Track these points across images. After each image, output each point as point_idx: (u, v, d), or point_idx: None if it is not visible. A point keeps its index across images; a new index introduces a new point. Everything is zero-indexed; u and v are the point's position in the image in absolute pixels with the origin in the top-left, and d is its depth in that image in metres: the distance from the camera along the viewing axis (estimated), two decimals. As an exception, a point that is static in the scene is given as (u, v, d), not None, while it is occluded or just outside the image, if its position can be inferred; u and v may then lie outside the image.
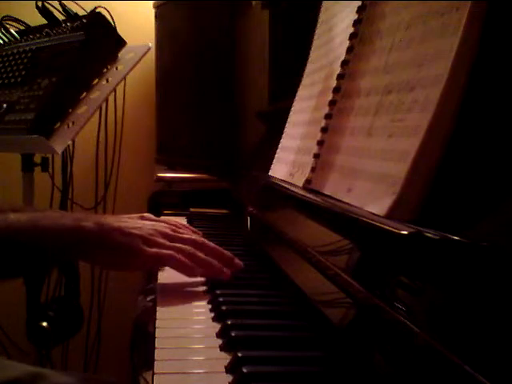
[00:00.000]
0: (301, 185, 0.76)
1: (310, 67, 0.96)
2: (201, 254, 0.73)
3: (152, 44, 1.54)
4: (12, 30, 1.57)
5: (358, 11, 0.72)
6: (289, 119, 0.99)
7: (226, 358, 0.51)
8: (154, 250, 0.71)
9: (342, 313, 0.54)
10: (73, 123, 1.24)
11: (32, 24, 1.57)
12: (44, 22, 1.50)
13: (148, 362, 0.53)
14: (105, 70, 1.33)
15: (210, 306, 0.66)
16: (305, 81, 0.96)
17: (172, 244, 0.73)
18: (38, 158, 1.51)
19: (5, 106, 1.34)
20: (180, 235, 0.76)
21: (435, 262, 0.41)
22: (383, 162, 0.54)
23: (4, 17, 1.59)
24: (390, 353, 0.42)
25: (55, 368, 1.68)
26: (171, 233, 0.76)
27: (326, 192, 0.68)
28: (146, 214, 1.02)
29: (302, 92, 0.97)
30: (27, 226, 0.70)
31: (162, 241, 0.73)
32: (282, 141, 0.99)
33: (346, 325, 0.52)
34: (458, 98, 0.47)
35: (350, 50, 0.72)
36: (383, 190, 0.52)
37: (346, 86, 0.72)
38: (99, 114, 1.80)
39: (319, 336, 0.55)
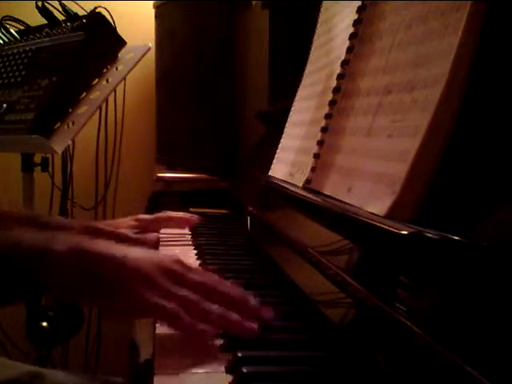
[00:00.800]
0: (301, 185, 0.76)
1: (310, 67, 0.96)
2: (214, 307, 0.54)
3: (152, 44, 1.54)
4: (12, 30, 1.57)
5: (357, 11, 0.72)
6: (289, 119, 0.99)
7: (226, 359, 0.51)
8: (157, 299, 0.53)
9: (341, 313, 0.54)
10: (73, 123, 1.24)
11: (32, 24, 1.57)
12: (44, 21, 1.51)
13: (148, 362, 0.53)
14: (105, 70, 1.33)
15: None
16: (305, 81, 0.96)
17: (178, 293, 0.54)
18: (38, 158, 1.51)
19: (5, 105, 1.34)
20: (189, 276, 0.57)
21: (435, 261, 0.41)
22: (383, 161, 0.54)
23: (4, 17, 1.59)
24: (389, 353, 0.42)
25: (55, 368, 1.68)
26: (179, 270, 0.57)
27: (326, 192, 0.68)
28: (140, 216, 0.95)
29: (302, 92, 0.97)
30: None
31: (166, 285, 0.54)
32: (282, 141, 0.99)
33: (346, 325, 0.52)
34: (458, 98, 0.47)
35: (349, 49, 0.72)
36: (383, 190, 0.52)
37: (346, 85, 0.72)
38: (99, 114, 1.80)
39: (319, 336, 0.55)
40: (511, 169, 0.41)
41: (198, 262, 0.86)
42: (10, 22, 1.59)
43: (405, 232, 0.44)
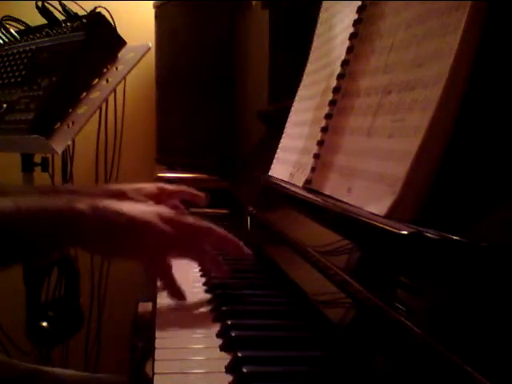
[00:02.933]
0: (301, 185, 0.76)
1: (310, 67, 0.96)
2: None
3: (152, 44, 1.54)
4: (12, 30, 1.57)
5: (357, 11, 0.72)
6: (289, 119, 0.99)
7: (226, 358, 0.51)
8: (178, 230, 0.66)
9: (341, 313, 0.54)
10: (73, 123, 1.24)
11: (32, 24, 1.57)
12: (44, 21, 1.51)
13: (148, 362, 0.53)
14: (105, 70, 1.33)
15: (210, 307, 0.66)
16: (305, 81, 0.96)
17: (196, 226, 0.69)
18: (38, 158, 1.51)
19: (5, 106, 1.34)
20: (186, 220, 0.69)
21: (435, 261, 0.41)
22: (383, 161, 0.54)
23: (4, 17, 1.59)
24: (390, 353, 0.42)
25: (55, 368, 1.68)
26: (176, 217, 0.69)
27: (326, 192, 0.68)
28: (162, 185, 0.99)
29: (302, 92, 0.97)
30: (10, 210, 0.60)
31: (186, 220, 0.68)
32: (282, 141, 0.99)
33: (346, 325, 0.52)
34: (457, 98, 0.47)
35: (350, 49, 0.72)
36: (383, 189, 0.52)
37: (346, 85, 0.72)
38: (99, 114, 1.80)
39: (319, 336, 0.55)
40: (511, 169, 0.41)
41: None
42: (10, 22, 1.59)
43: (405, 232, 0.44)
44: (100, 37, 1.32)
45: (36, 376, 0.73)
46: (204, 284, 0.75)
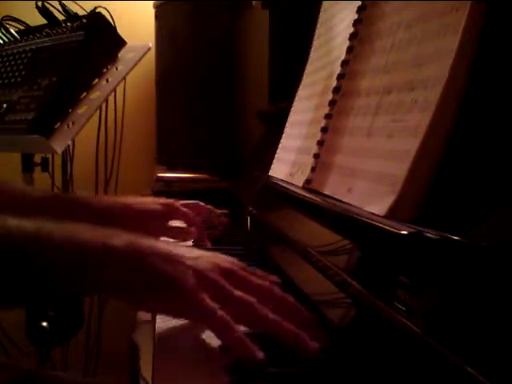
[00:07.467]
0: (301, 185, 0.76)
1: (310, 67, 0.96)
2: (271, 314, 0.52)
3: (152, 44, 1.54)
4: (12, 30, 1.57)
5: (358, 11, 0.72)
6: (289, 119, 0.99)
7: (225, 359, 0.51)
8: (209, 304, 0.50)
9: (341, 313, 0.54)
10: (73, 123, 1.24)
11: (32, 24, 1.57)
12: (44, 21, 1.51)
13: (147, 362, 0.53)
14: (105, 69, 1.33)
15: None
16: (305, 81, 0.96)
17: (234, 293, 0.52)
18: (38, 158, 1.51)
19: (5, 105, 1.34)
20: (248, 278, 0.56)
21: (435, 262, 0.41)
22: (383, 161, 0.54)
23: (4, 17, 1.59)
24: (390, 353, 0.42)
25: (55, 368, 1.68)
26: (237, 271, 0.56)
27: (326, 192, 0.68)
28: (173, 203, 0.90)
29: (302, 92, 0.97)
30: (29, 238, 0.50)
31: (224, 285, 0.52)
32: (282, 141, 0.99)
33: (345, 325, 0.52)
34: (457, 97, 0.47)
35: (349, 49, 0.72)
36: (383, 190, 0.52)
37: (346, 85, 0.72)
38: (99, 114, 1.80)
39: (319, 336, 0.55)
40: (511, 169, 0.41)
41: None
42: (10, 22, 1.59)
43: (405, 232, 0.44)
44: (100, 37, 1.32)
45: (35, 379, 0.72)
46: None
